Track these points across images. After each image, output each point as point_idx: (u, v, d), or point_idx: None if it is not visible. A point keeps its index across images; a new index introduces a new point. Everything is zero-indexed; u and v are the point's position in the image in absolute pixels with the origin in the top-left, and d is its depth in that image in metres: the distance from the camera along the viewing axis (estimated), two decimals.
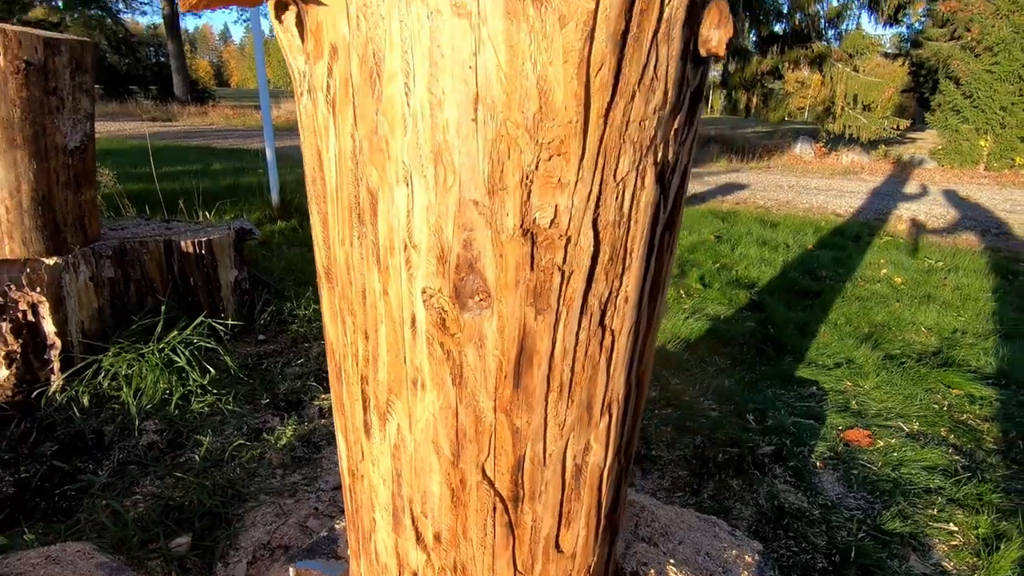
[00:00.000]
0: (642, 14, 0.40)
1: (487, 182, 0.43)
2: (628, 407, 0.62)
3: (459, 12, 0.39)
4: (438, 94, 0.42)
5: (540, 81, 0.40)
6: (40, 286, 1.73)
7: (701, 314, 2.81)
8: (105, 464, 1.61)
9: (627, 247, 0.50)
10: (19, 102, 1.56)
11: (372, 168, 0.47)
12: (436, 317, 0.49)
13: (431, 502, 0.59)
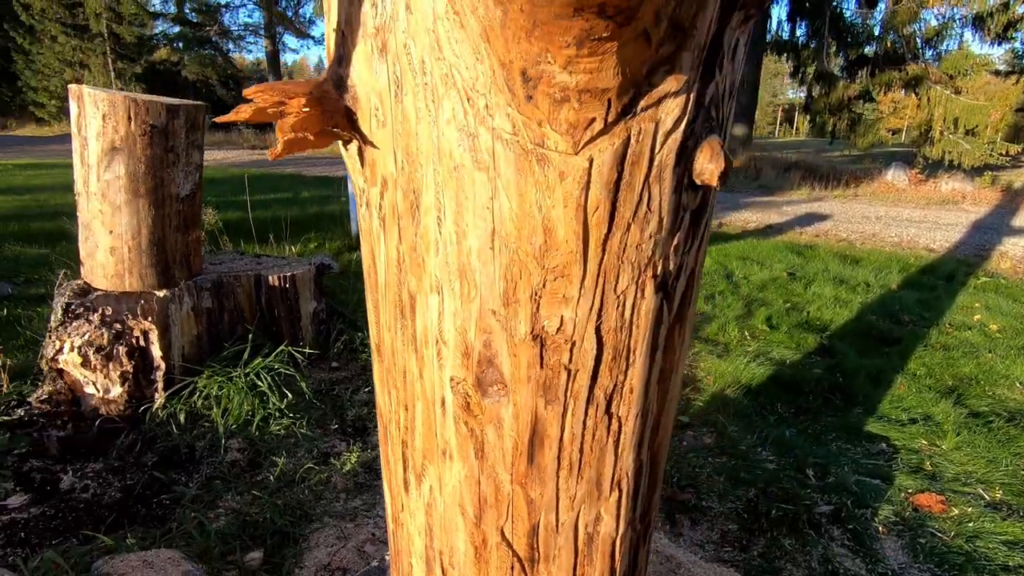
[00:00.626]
0: (633, 164, 0.47)
1: (503, 296, 0.52)
2: (640, 481, 0.67)
3: (479, 166, 0.48)
4: (463, 226, 0.50)
5: (545, 221, 0.48)
6: (151, 315, 1.98)
7: (765, 358, 2.74)
8: (195, 477, 1.81)
9: (630, 347, 0.56)
10: (144, 159, 1.82)
11: (412, 276, 0.57)
12: (462, 401, 0.58)
13: (457, 556, 0.67)
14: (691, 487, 1.86)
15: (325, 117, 0.54)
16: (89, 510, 1.67)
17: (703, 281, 3.94)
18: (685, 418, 2.25)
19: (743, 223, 6.96)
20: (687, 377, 2.53)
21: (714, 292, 3.69)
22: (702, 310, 3.36)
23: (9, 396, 2.01)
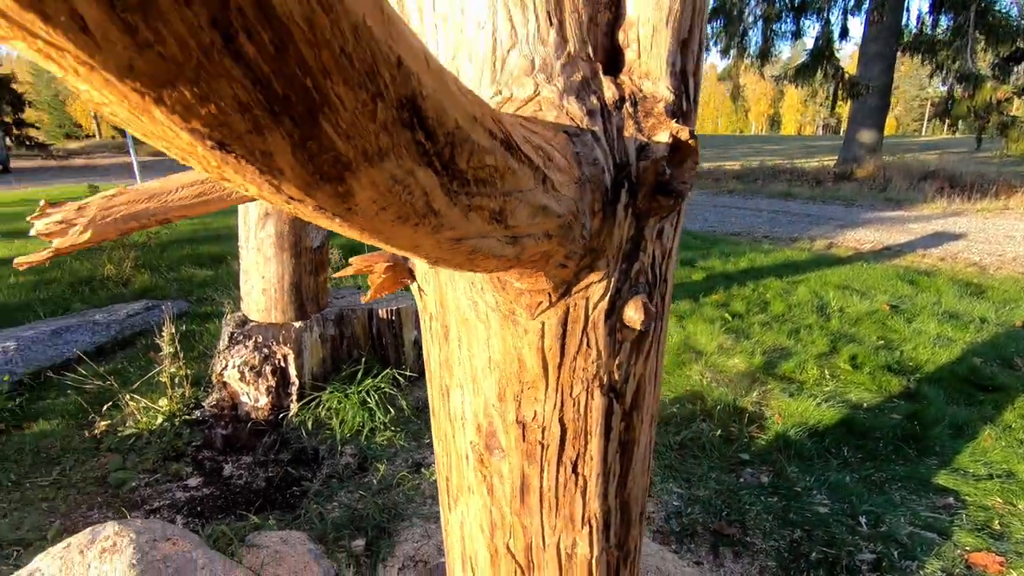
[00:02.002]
0: (574, 323, 0.74)
1: (497, 396, 0.81)
2: (610, 520, 0.93)
3: (479, 320, 0.78)
4: (472, 352, 0.81)
5: (519, 355, 0.77)
6: (289, 342, 2.49)
7: (839, 400, 2.75)
8: (318, 475, 2.27)
9: (587, 430, 0.83)
10: (287, 221, 2.33)
11: (447, 374, 0.88)
12: (477, 456, 0.88)
13: (479, 560, 0.96)
14: (738, 523, 2.00)
15: (397, 274, 0.87)
16: (242, 494, 2.17)
17: (790, 314, 3.91)
18: (745, 455, 2.37)
19: (856, 244, 6.59)
20: (753, 415, 2.63)
21: (800, 326, 3.66)
22: (784, 345, 3.38)
23: (189, 400, 2.62)
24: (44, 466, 2.26)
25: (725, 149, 31.16)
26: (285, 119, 0.24)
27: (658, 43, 0.71)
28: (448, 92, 0.31)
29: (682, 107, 0.75)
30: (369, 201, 0.31)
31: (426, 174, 0.32)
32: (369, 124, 0.27)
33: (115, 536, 1.40)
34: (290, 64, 0.22)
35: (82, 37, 0.18)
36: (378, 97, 0.26)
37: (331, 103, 0.25)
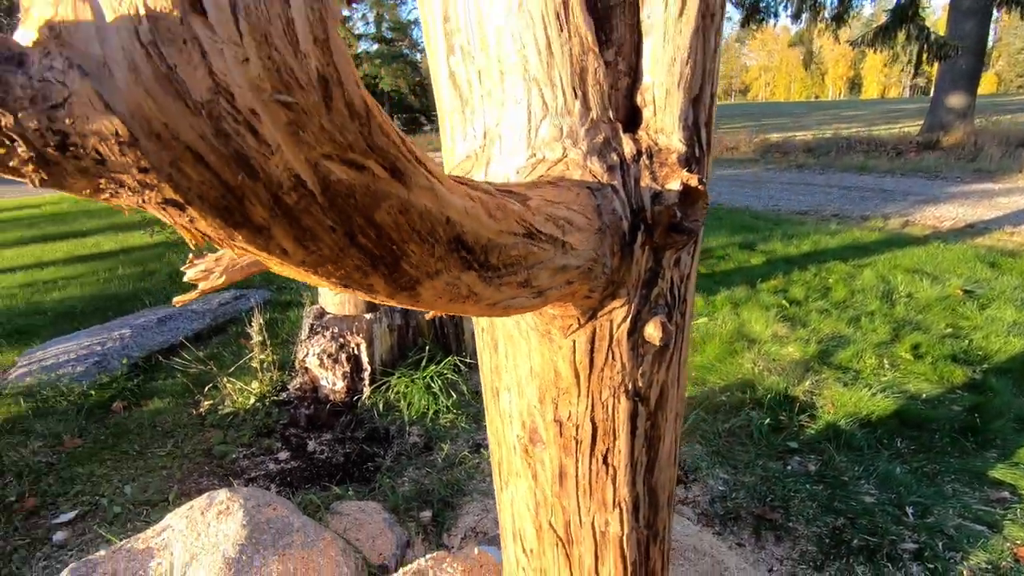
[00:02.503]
0: (600, 340, 0.88)
1: (538, 399, 0.96)
2: (639, 503, 1.07)
3: (521, 336, 0.93)
4: (516, 363, 0.96)
5: (555, 365, 0.92)
6: (362, 332, 2.75)
7: (896, 391, 2.73)
8: (389, 452, 2.52)
9: (615, 428, 0.97)
10: None
11: (496, 379, 1.04)
12: (522, 448, 1.04)
13: (527, 534, 1.13)
14: (782, 508, 2.09)
15: None
16: (324, 467, 2.46)
17: (852, 300, 3.84)
18: (794, 444, 2.43)
19: (935, 222, 6.25)
20: (804, 404, 2.66)
21: (862, 313, 3.60)
22: (842, 333, 3.34)
23: (276, 383, 2.94)
24: (160, 439, 2.63)
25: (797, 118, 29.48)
26: (381, 267, 0.40)
27: (671, 103, 0.83)
28: (481, 222, 0.46)
29: (695, 154, 0.87)
30: (430, 296, 0.47)
31: (468, 275, 0.48)
32: (430, 259, 0.43)
33: (228, 501, 1.67)
34: (384, 243, 0.38)
35: (286, 255, 0.34)
36: (436, 243, 0.42)
37: (407, 254, 0.40)
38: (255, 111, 0.28)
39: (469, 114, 0.87)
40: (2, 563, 1.94)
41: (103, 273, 5.24)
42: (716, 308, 3.75)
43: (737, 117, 33.04)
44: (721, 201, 8.37)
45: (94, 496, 2.24)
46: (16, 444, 2.54)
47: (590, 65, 0.78)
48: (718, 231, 6.00)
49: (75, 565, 1.58)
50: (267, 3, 0.27)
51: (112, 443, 2.59)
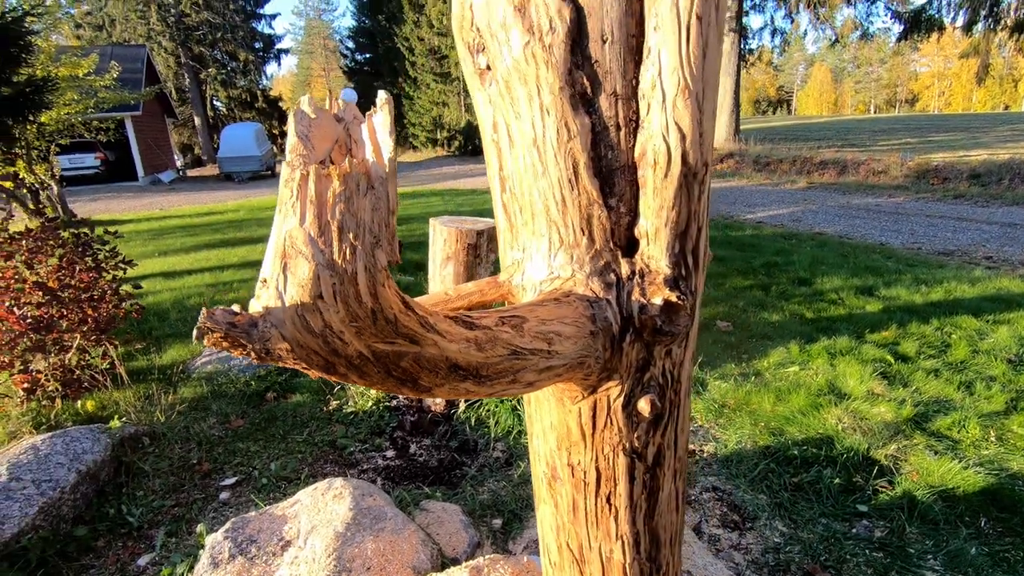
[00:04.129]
0: (600, 409, 1.16)
1: (556, 447, 1.26)
2: (639, 539, 1.31)
3: (543, 397, 1.23)
4: (541, 417, 1.26)
5: (567, 423, 1.21)
6: None
7: (994, 467, 2.58)
8: (475, 463, 2.90)
9: (615, 477, 1.23)
10: (463, 263, 2.99)
11: (529, 426, 1.35)
12: (547, 482, 1.34)
13: (552, 551, 1.43)
14: (834, 569, 2.14)
15: None
16: (421, 468, 2.90)
17: (972, 361, 3.57)
18: (863, 507, 2.43)
19: None
20: (885, 468, 2.62)
21: (979, 378, 3.35)
22: (948, 398, 3.17)
23: None
24: (299, 427, 3.25)
25: (973, 134, 25.90)
26: (407, 385, 0.74)
27: (659, 238, 1.09)
28: (471, 355, 0.79)
29: (681, 274, 1.12)
30: (441, 393, 0.80)
31: (465, 383, 0.80)
32: (436, 379, 0.76)
33: (341, 487, 2.14)
34: (407, 374, 0.72)
35: (355, 382, 0.70)
36: (439, 372, 0.76)
37: (421, 378, 0.74)
38: (342, 331, 0.64)
39: (515, 233, 1.20)
40: (185, 509, 2.59)
41: None
42: (811, 357, 3.70)
43: (898, 132, 29.78)
44: (853, 235, 7.85)
45: (249, 468, 2.87)
46: (198, 419, 3.29)
47: (595, 212, 1.08)
48: (838, 270, 5.72)
49: (235, 520, 2.13)
50: (349, 287, 0.62)
51: (264, 426, 3.25)
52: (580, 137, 1.03)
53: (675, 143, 1.02)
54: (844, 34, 18.04)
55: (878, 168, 14.20)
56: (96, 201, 16.46)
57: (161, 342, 4.47)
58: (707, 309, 4.76)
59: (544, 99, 1.01)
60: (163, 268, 7.06)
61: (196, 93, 31.04)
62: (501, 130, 1.11)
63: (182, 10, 28.93)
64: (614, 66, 1.01)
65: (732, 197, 11.96)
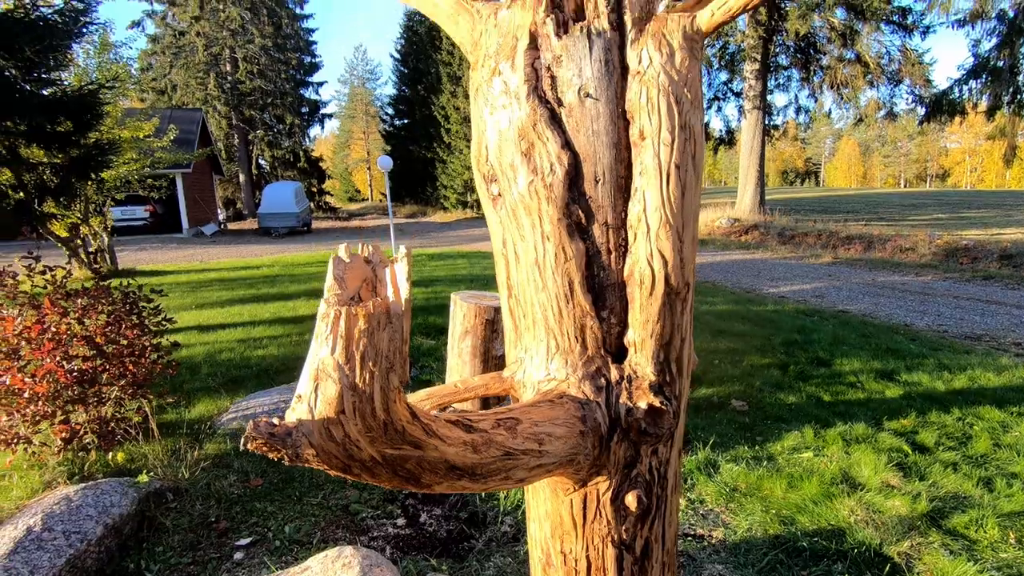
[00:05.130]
0: (590, 501, 1.26)
1: (551, 533, 1.35)
2: None
3: (539, 487, 1.34)
4: (537, 504, 1.36)
5: (559, 513, 1.30)
6: None
7: (1011, 572, 2.51)
8: (483, 536, 2.94)
9: (604, 567, 1.31)
10: (480, 337, 3.14)
11: (528, 512, 1.44)
12: (542, 566, 1.41)
13: None
14: None
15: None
16: (430, 539, 2.94)
17: (994, 455, 3.50)
18: None
19: None
20: (896, 565, 2.58)
21: (1000, 473, 3.28)
22: (967, 494, 3.11)
23: None
24: (314, 490, 3.34)
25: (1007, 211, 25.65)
26: (411, 482, 0.87)
27: (645, 347, 1.22)
28: (467, 457, 0.92)
29: (665, 380, 1.24)
30: (440, 489, 0.93)
31: (461, 481, 0.93)
32: (436, 477, 0.89)
33: (350, 556, 2.22)
34: (411, 474, 0.86)
35: (366, 480, 0.83)
36: (438, 472, 0.89)
37: (423, 477, 0.88)
38: (358, 439, 0.78)
39: (519, 335, 1.34)
40: (200, 568, 2.68)
41: (295, 336, 6.52)
42: (826, 443, 3.67)
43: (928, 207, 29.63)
44: (877, 314, 7.80)
45: (264, 529, 2.95)
46: (220, 476, 3.41)
47: (588, 323, 1.22)
48: (859, 351, 5.69)
49: None
50: (367, 405, 0.77)
51: (281, 486, 3.35)
52: (575, 259, 1.19)
53: (659, 267, 1.17)
54: (868, 113, 18.43)
55: (906, 245, 14.15)
56: (142, 251, 17.35)
57: (191, 396, 4.66)
58: (723, 387, 4.77)
59: (545, 227, 1.18)
60: (199, 321, 7.38)
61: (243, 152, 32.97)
62: (509, 247, 1.28)
63: (238, 78, 31.22)
64: (605, 202, 1.17)
65: (756, 269, 12.01)
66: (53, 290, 3.64)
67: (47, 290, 3.66)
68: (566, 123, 1.15)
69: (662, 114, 1.10)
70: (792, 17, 15.59)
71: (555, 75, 1.14)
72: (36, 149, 7.35)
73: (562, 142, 1.14)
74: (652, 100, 1.10)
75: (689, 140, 1.13)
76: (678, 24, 1.10)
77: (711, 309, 7.67)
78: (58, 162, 7.48)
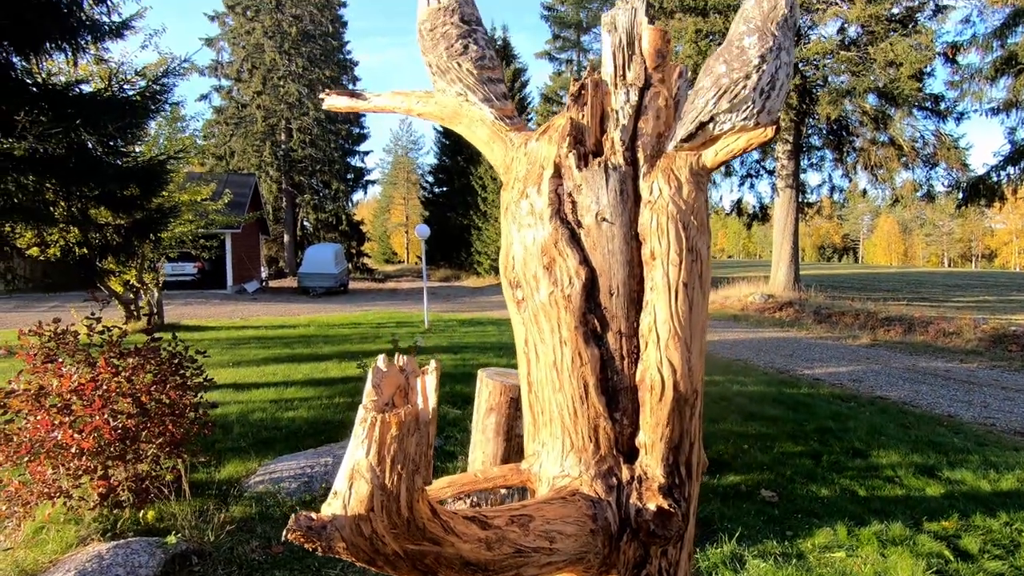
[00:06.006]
0: None
1: None
2: None
3: None
4: None
5: None
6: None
7: None
8: None
9: None
10: (504, 415, 3.20)
11: None
12: None
13: None
14: None
15: None
16: None
17: None
18: None
19: None
20: None
21: None
22: None
23: None
24: (333, 562, 3.35)
25: None
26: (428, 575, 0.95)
27: (655, 450, 1.29)
28: (481, 554, 0.99)
29: (675, 483, 1.30)
30: None
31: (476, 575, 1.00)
32: (452, 571, 0.97)
33: None
34: (429, 568, 0.94)
35: (389, 572, 0.92)
36: (453, 567, 0.96)
37: (439, 572, 0.95)
38: (384, 535, 0.87)
39: (537, 428, 1.43)
40: None
41: (324, 399, 6.65)
42: (860, 543, 3.52)
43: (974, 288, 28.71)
44: (918, 402, 7.51)
45: None
46: (243, 540, 3.47)
47: (601, 424, 1.30)
48: (897, 443, 5.47)
49: None
50: (393, 503, 0.87)
51: (301, 556, 3.37)
52: (591, 364, 1.29)
53: (668, 375, 1.26)
54: (905, 195, 18.37)
55: (949, 329, 13.68)
56: (187, 306, 18.13)
57: (222, 455, 4.79)
58: (752, 475, 4.64)
59: (563, 333, 1.29)
60: (235, 379, 7.62)
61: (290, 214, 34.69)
62: (530, 346, 1.39)
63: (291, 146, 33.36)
64: (619, 312, 1.29)
65: (790, 349, 11.77)
66: (108, 348, 3.89)
67: (103, 348, 3.92)
68: (584, 242, 1.28)
69: (671, 238, 1.23)
70: (823, 102, 15.99)
71: (575, 200, 1.29)
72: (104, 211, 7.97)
73: (580, 258, 1.27)
74: (662, 226, 1.23)
75: (696, 261, 1.24)
76: (685, 161, 1.24)
77: (742, 390, 7.53)
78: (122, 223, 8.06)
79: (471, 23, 1.45)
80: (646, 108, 1.27)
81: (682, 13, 17.41)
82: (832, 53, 16.34)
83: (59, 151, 6.18)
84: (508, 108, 1.46)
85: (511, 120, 1.46)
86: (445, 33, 1.41)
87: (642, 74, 1.28)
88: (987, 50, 14.01)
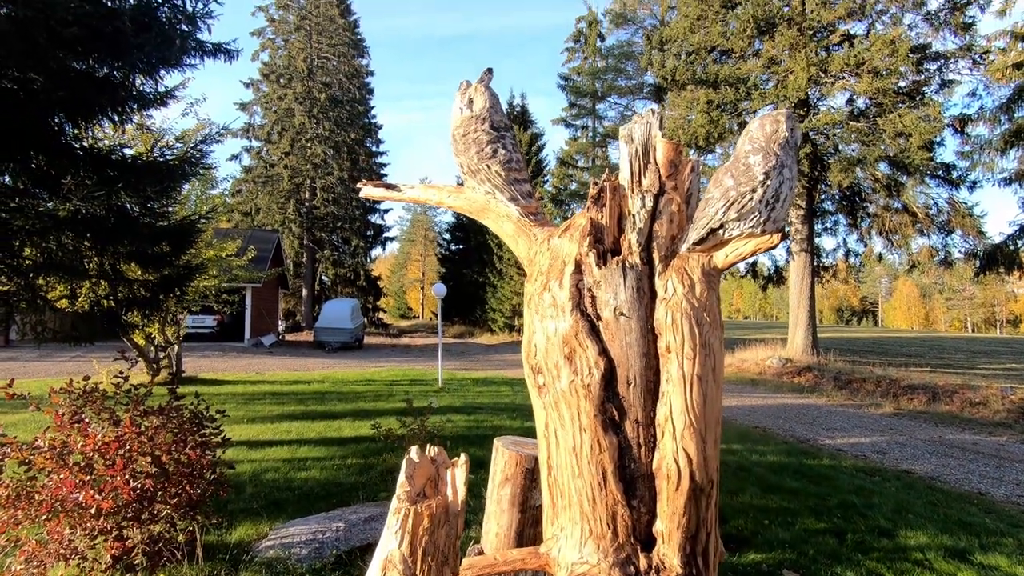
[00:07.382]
0: None
1: None
2: None
3: None
4: None
5: None
6: None
7: None
8: None
9: None
10: (519, 486, 3.19)
11: None
12: None
13: None
14: None
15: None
16: None
17: None
18: None
19: None
20: None
21: None
22: None
23: None
24: None
25: None
26: None
27: (672, 539, 1.32)
28: None
29: (692, 572, 1.32)
30: None
31: None
32: None
33: None
34: None
35: None
36: None
37: None
38: None
39: (556, 512, 1.47)
40: None
41: (337, 460, 6.62)
42: None
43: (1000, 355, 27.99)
44: (946, 477, 7.26)
45: None
46: None
47: (619, 511, 1.34)
48: (925, 523, 5.27)
49: None
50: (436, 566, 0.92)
51: None
52: (609, 451, 1.34)
53: (684, 465, 1.31)
54: (921, 260, 18.32)
55: (976, 399, 13.31)
56: (205, 358, 18.32)
57: (234, 517, 4.76)
58: (773, 553, 4.49)
59: (583, 420, 1.35)
60: (248, 436, 7.63)
61: (310, 269, 35.39)
62: (551, 430, 1.45)
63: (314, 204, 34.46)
64: (636, 402, 1.35)
65: (810, 416, 11.50)
66: (133, 407, 3.97)
67: (128, 406, 4.00)
68: (603, 334, 1.36)
69: (685, 333, 1.31)
70: (835, 170, 16.29)
71: (595, 295, 1.38)
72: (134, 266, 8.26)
73: (599, 350, 1.35)
74: (676, 322, 1.31)
75: (709, 355, 1.32)
76: (698, 262, 1.34)
77: (761, 460, 7.35)
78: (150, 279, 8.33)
79: (499, 129, 1.60)
80: (660, 213, 1.38)
81: (694, 85, 18.11)
82: (842, 123, 16.79)
83: (100, 212, 6.50)
84: (532, 206, 1.58)
85: (535, 216, 1.58)
86: (476, 139, 1.56)
87: (656, 182, 1.39)
88: (995, 123, 14.32)
